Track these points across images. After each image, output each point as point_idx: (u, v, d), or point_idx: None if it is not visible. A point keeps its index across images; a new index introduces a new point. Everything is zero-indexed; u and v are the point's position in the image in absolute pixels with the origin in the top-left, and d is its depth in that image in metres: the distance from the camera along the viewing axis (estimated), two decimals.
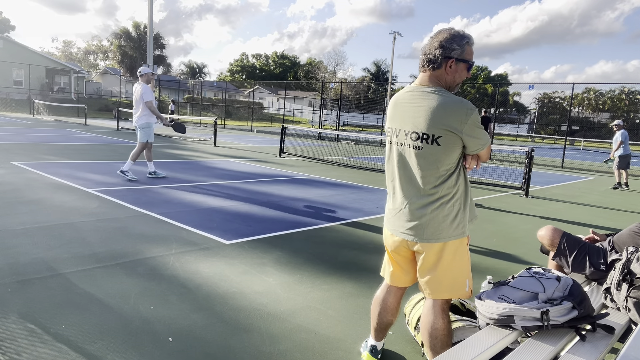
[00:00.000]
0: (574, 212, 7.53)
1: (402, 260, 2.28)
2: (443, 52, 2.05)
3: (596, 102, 58.03)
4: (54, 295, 3.00)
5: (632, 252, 2.32)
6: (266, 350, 2.53)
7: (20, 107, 31.80)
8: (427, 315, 2.20)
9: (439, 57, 2.05)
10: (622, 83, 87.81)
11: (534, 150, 9.08)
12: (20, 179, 6.85)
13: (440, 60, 2.05)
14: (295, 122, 42.59)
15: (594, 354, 1.81)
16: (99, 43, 68.21)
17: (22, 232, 4.27)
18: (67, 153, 10.49)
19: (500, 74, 73.53)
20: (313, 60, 73.49)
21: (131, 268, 3.59)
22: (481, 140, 2.04)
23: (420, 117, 2.04)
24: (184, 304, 3.02)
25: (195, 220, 5.16)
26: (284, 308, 3.08)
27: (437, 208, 2.07)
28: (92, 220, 4.88)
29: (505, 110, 64.98)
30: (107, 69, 54.20)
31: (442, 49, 2.05)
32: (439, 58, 2.05)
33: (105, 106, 36.97)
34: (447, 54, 2.05)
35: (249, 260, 3.97)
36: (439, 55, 2.05)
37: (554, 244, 2.77)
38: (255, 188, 7.71)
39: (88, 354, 2.36)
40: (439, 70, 2.07)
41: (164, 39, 47.79)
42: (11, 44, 38.02)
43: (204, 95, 47.98)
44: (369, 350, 2.50)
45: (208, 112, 41.54)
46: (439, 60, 2.05)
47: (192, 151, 13.30)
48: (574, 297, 1.96)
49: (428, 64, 2.08)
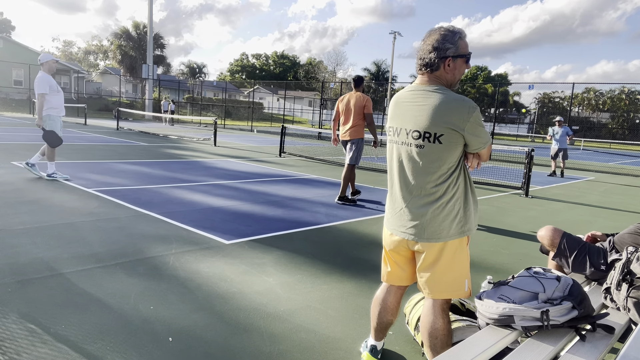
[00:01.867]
0: (574, 212, 7.53)
1: (401, 259, 2.28)
2: (438, 53, 2.05)
3: (596, 102, 58.03)
4: (54, 295, 3.00)
5: (632, 252, 2.32)
6: (266, 350, 2.53)
7: (20, 107, 31.80)
8: (427, 315, 2.20)
9: (435, 59, 2.05)
10: (622, 83, 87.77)
11: (534, 150, 9.08)
12: (20, 179, 6.85)
13: (437, 62, 2.06)
14: (295, 122, 42.59)
15: (594, 354, 1.81)
16: (99, 43, 68.20)
17: (22, 232, 4.27)
18: (67, 153, 10.48)
19: (500, 74, 73.51)
20: (313, 60, 73.52)
21: (131, 268, 3.59)
22: (483, 138, 2.05)
23: (422, 115, 2.04)
24: (184, 304, 3.02)
25: (195, 220, 5.17)
26: (284, 308, 3.08)
27: (438, 207, 2.07)
28: (92, 220, 4.88)
29: (506, 110, 64.96)
30: (107, 69, 54.18)
31: (436, 51, 2.05)
32: (435, 60, 2.05)
33: (105, 106, 36.97)
34: (443, 55, 2.05)
35: (249, 260, 3.97)
36: (435, 57, 2.05)
37: (554, 244, 2.77)
38: (255, 188, 7.71)
39: (88, 354, 2.36)
40: (437, 71, 2.08)
41: (164, 39, 47.74)
42: (11, 44, 38.01)
43: (203, 95, 47.99)
44: (369, 350, 2.50)
45: (208, 112, 41.54)
46: (436, 62, 2.06)
47: (192, 151, 13.30)
48: (573, 297, 1.96)
49: (425, 67, 2.09)
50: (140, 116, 32.65)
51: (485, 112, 57.07)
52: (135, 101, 42.14)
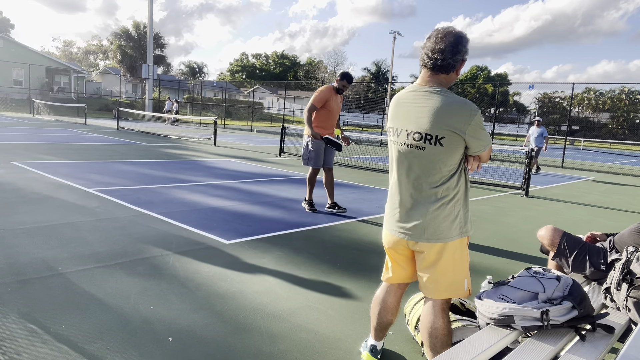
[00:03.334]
0: (574, 212, 7.53)
1: (401, 258, 2.28)
2: (456, 57, 2.03)
3: (596, 102, 58.03)
4: (54, 295, 3.00)
5: (632, 252, 2.32)
6: (266, 350, 2.53)
7: (20, 106, 31.79)
8: (427, 315, 2.20)
9: (452, 62, 2.03)
10: (622, 83, 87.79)
11: (534, 150, 9.07)
12: (20, 179, 6.85)
13: (454, 65, 2.05)
14: (295, 122, 42.54)
15: (594, 353, 1.82)
16: (99, 43, 68.30)
17: (22, 232, 4.27)
18: (67, 153, 10.48)
19: (500, 74, 73.51)
20: (313, 60, 73.52)
21: (131, 268, 3.59)
22: (483, 141, 2.05)
23: (423, 117, 2.04)
24: (184, 304, 3.02)
25: (195, 220, 5.16)
26: (284, 308, 3.08)
27: (438, 208, 2.07)
28: (92, 220, 4.88)
29: (506, 110, 65.00)
30: (107, 69, 54.19)
31: (456, 54, 2.03)
32: (453, 63, 2.04)
33: (105, 106, 36.96)
34: (461, 58, 2.05)
35: (249, 260, 3.97)
36: (452, 61, 2.03)
37: (554, 244, 2.77)
38: (255, 188, 7.71)
39: (88, 353, 2.36)
40: (448, 74, 2.07)
41: (164, 39, 47.72)
42: (11, 43, 38.00)
43: (203, 95, 47.98)
44: (368, 350, 2.50)
45: (208, 112, 41.53)
46: (453, 65, 2.04)
47: (192, 151, 13.30)
48: (573, 297, 1.96)
49: (440, 69, 2.05)
50: (141, 116, 32.65)
51: (485, 112, 57.05)
52: (135, 101, 42.13)
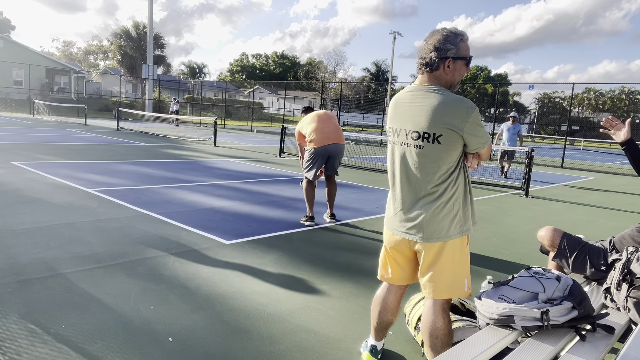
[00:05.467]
0: (574, 212, 7.53)
1: (401, 259, 2.28)
2: (438, 54, 2.06)
3: (596, 102, 58.03)
4: (54, 295, 3.00)
5: (632, 252, 2.32)
6: (266, 350, 2.53)
7: (20, 107, 31.78)
8: (428, 315, 2.20)
9: (435, 59, 2.06)
10: (622, 83, 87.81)
11: (534, 150, 9.08)
12: (20, 179, 6.85)
13: (437, 62, 2.06)
14: (296, 122, 42.54)
15: (594, 354, 1.81)
16: (99, 43, 68.27)
17: (22, 232, 4.27)
18: (67, 153, 10.49)
19: (500, 74, 73.51)
20: (313, 60, 73.51)
21: (131, 268, 3.59)
22: (482, 138, 2.05)
23: (421, 116, 2.05)
24: (184, 304, 3.02)
25: (195, 221, 5.16)
26: (284, 308, 3.08)
27: (438, 207, 2.07)
28: (92, 220, 4.88)
29: (506, 110, 64.99)
30: (107, 69, 54.17)
31: (437, 51, 2.06)
32: (435, 60, 2.06)
33: (105, 106, 36.95)
34: (443, 55, 2.06)
35: (249, 260, 3.97)
36: (435, 57, 2.06)
37: (554, 244, 2.77)
38: (255, 188, 7.71)
39: (88, 354, 2.36)
40: (437, 71, 2.09)
41: (164, 39, 47.67)
42: (11, 44, 37.99)
43: (204, 95, 47.97)
44: (369, 350, 2.50)
45: (208, 112, 41.51)
46: (436, 62, 2.06)
47: (192, 151, 13.30)
48: (574, 297, 1.96)
49: (425, 67, 2.10)
50: (140, 116, 32.64)
51: (485, 112, 57.05)
52: (135, 101, 42.11)
